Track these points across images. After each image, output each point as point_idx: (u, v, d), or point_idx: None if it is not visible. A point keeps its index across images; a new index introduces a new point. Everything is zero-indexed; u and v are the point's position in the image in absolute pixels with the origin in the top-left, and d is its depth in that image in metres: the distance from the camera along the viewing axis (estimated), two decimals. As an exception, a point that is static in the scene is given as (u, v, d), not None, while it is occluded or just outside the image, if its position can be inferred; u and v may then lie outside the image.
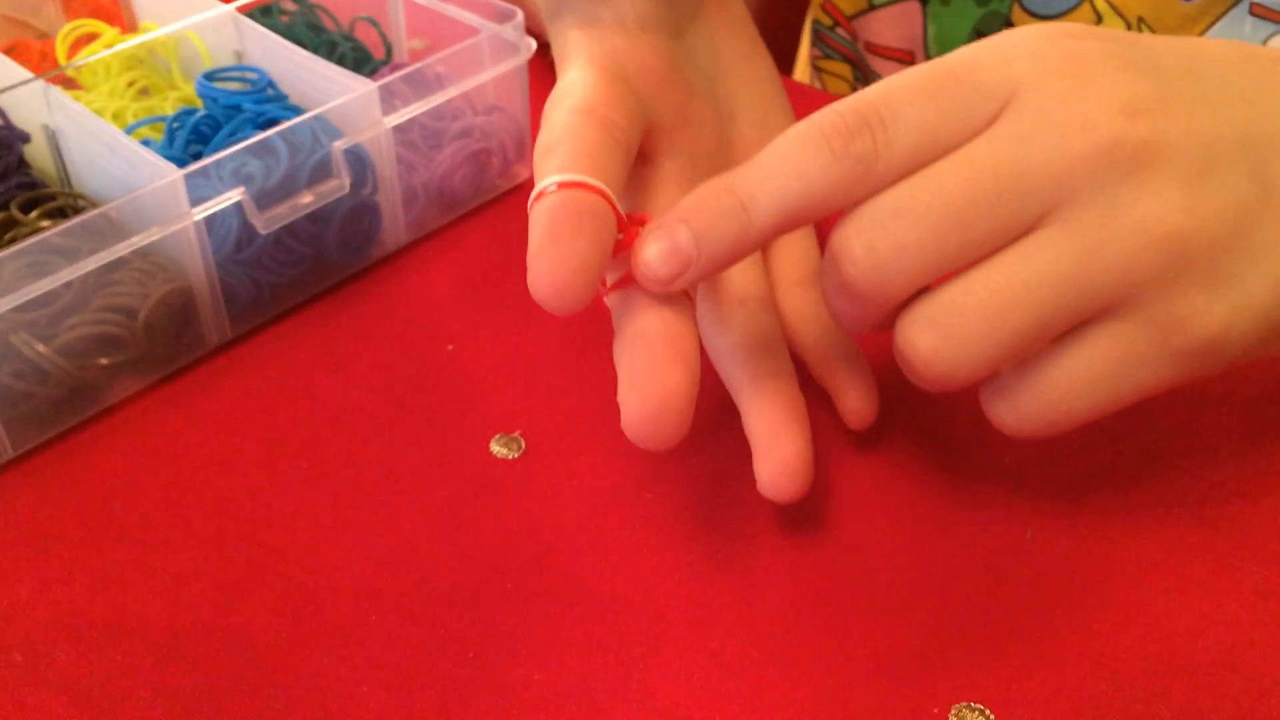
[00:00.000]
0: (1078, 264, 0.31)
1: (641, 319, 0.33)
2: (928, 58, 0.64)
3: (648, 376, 0.32)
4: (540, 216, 0.32)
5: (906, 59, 0.65)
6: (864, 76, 0.70)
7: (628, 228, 0.34)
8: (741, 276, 0.40)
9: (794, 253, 0.43)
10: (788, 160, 0.33)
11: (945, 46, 0.63)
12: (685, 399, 0.32)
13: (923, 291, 0.33)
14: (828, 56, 0.72)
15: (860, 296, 0.33)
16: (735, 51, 0.45)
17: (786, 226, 0.33)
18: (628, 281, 0.34)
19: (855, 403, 0.39)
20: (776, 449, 0.36)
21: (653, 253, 0.33)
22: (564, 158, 0.34)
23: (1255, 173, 0.32)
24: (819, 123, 0.33)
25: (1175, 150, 0.32)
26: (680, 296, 0.35)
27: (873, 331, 0.36)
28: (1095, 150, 0.31)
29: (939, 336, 0.32)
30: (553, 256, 0.31)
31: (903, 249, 0.32)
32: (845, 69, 0.72)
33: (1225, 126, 0.33)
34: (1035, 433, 0.35)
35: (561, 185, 0.33)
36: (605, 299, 0.36)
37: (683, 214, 0.33)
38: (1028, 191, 0.31)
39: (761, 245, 0.35)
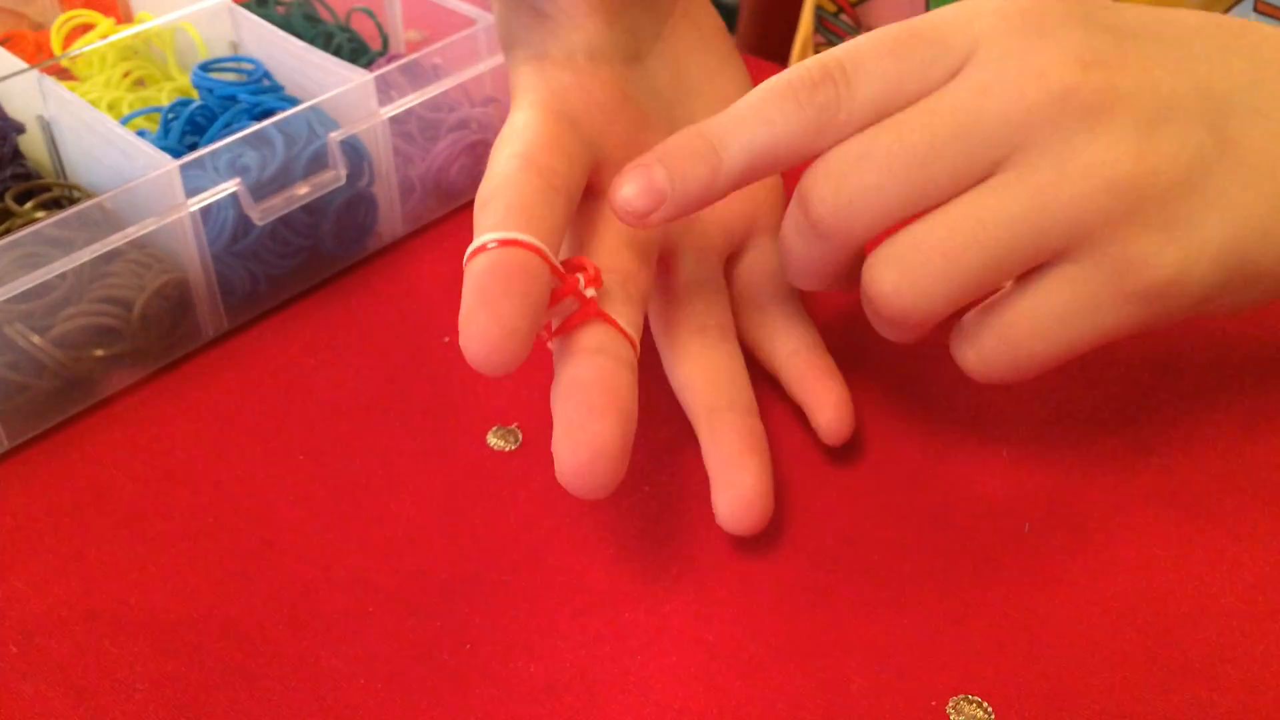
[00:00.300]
0: (1031, 206, 0.33)
1: (577, 366, 0.34)
2: None
3: (580, 425, 0.32)
4: (472, 278, 0.33)
5: None
6: None
7: (564, 277, 0.34)
8: (702, 305, 0.40)
9: (765, 270, 0.43)
10: (756, 110, 0.35)
11: None
12: (618, 448, 0.32)
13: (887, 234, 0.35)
14: (830, 42, 0.72)
15: (826, 236, 0.35)
16: (703, 69, 0.44)
17: (754, 173, 0.35)
18: (568, 328, 0.35)
19: (827, 419, 0.39)
20: (733, 481, 0.36)
21: (630, 189, 0.35)
22: (499, 212, 0.34)
23: (1213, 125, 0.33)
24: (787, 76, 0.35)
25: (1130, 100, 0.33)
26: (621, 343, 0.35)
27: (824, 286, 0.38)
28: (1050, 98, 0.32)
29: (899, 273, 0.34)
30: (483, 319, 0.32)
31: (867, 189, 0.33)
32: None
33: (1184, 81, 0.34)
34: (999, 376, 0.36)
35: (498, 243, 0.33)
36: (548, 344, 0.36)
37: (659, 154, 0.35)
38: (986, 138, 0.33)
39: (730, 190, 0.36)
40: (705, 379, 0.39)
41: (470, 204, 0.52)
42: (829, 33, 0.72)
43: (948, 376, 0.43)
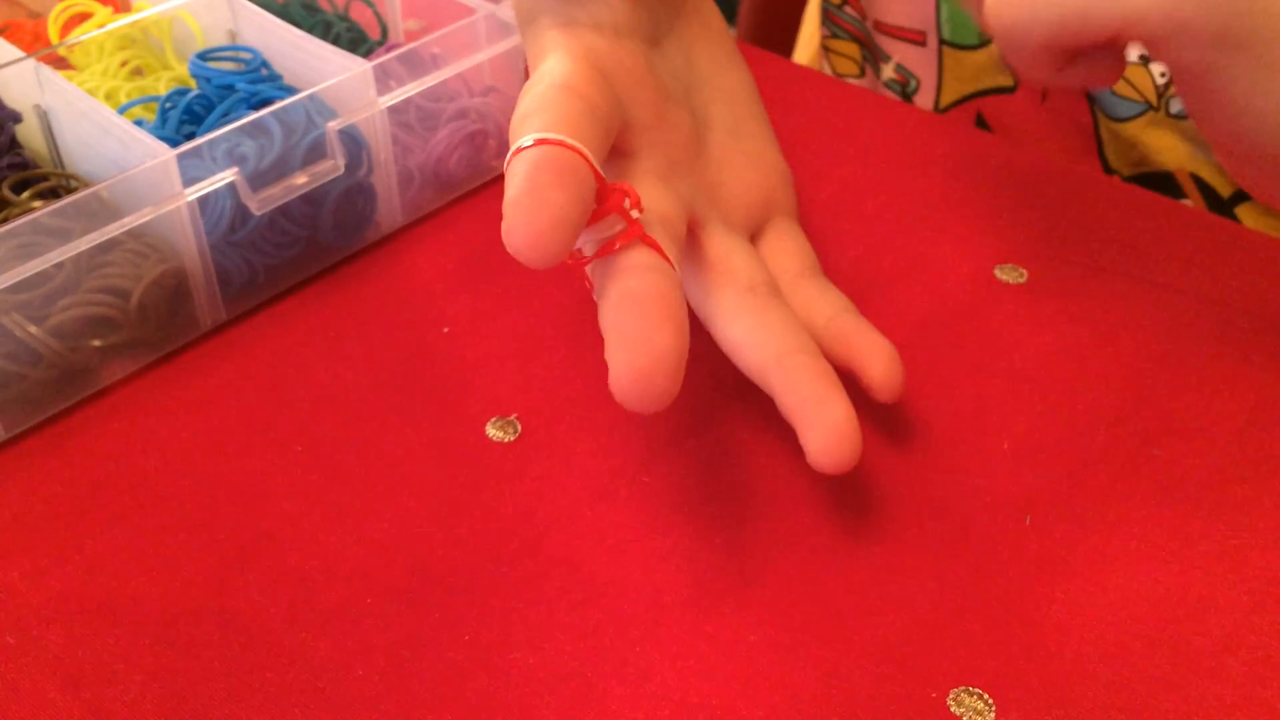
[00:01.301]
0: None
1: (629, 280, 0.33)
2: (940, 38, 0.64)
3: (638, 335, 0.31)
4: (519, 168, 0.32)
5: (917, 39, 0.65)
6: (873, 56, 0.70)
7: (608, 192, 0.34)
8: (744, 266, 0.40)
9: (788, 248, 0.43)
10: None
11: (959, 26, 0.63)
12: (677, 358, 0.32)
13: None
14: (836, 36, 0.72)
15: None
16: (711, 61, 0.45)
17: None
18: (609, 249, 0.34)
19: (881, 372, 0.39)
20: (823, 416, 0.35)
21: None
22: (543, 121, 0.34)
23: None
24: None
25: None
26: (668, 266, 0.34)
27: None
28: None
29: None
30: (529, 207, 0.31)
31: None
32: (854, 49, 0.71)
33: None
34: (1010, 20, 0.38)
35: (541, 141, 0.33)
36: (586, 270, 0.35)
37: None
38: None
39: None
40: (768, 329, 0.38)
41: (469, 194, 0.52)
42: (835, 25, 0.72)
43: (950, 369, 0.43)
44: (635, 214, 0.34)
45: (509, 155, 0.33)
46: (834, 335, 0.40)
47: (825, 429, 0.35)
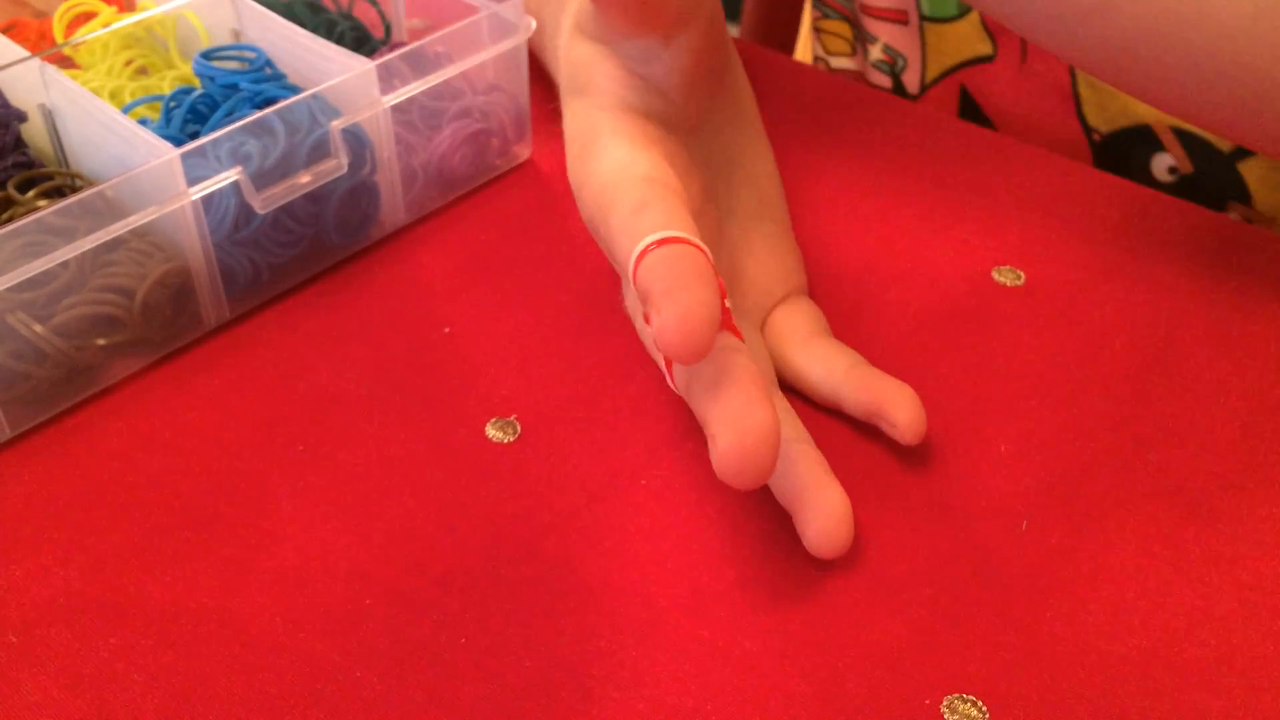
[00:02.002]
0: None
1: (726, 359, 0.34)
2: (920, 14, 0.65)
3: (741, 413, 0.32)
4: (661, 269, 0.33)
5: (900, 18, 0.66)
6: (861, 37, 0.70)
7: (722, 285, 0.35)
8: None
9: (802, 311, 0.43)
10: None
11: (937, 7, 0.64)
12: (777, 436, 0.32)
13: None
14: (826, 16, 0.73)
15: None
16: (742, 147, 0.45)
17: None
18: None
19: (906, 415, 0.39)
20: (822, 501, 0.36)
21: None
22: (664, 216, 0.35)
23: None
24: None
25: None
26: (744, 345, 0.35)
27: None
28: None
29: None
30: (687, 301, 0.32)
31: None
32: (844, 28, 0.72)
33: None
34: None
35: (671, 240, 0.33)
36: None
37: None
38: None
39: None
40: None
41: (472, 193, 0.52)
42: (825, 6, 0.72)
43: (945, 372, 0.43)
44: (728, 303, 0.35)
45: (640, 248, 0.34)
46: (855, 383, 0.41)
47: (824, 513, 0.36)
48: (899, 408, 0.39)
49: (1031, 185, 0.51)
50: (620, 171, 0.37)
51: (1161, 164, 0.59)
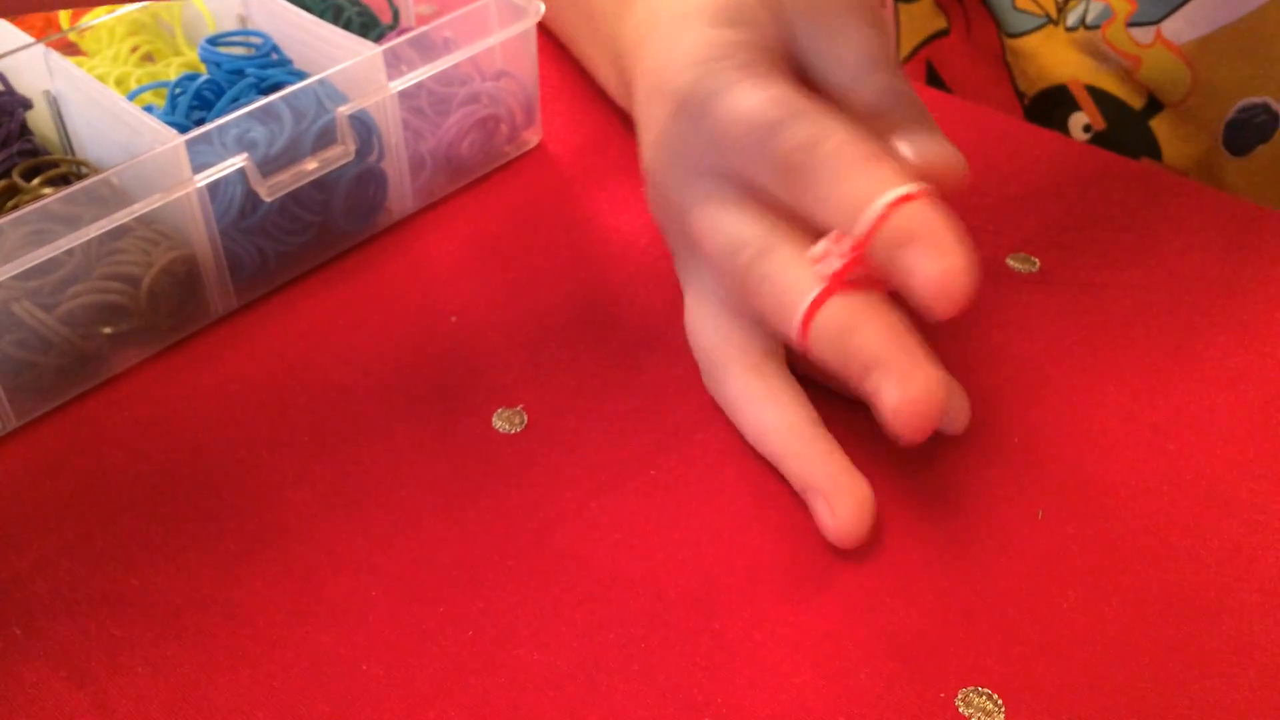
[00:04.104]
0: None
1: (891, 316, 0.35)
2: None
3: (914, 365, 0.34)
4: (929, 214, 0.34)
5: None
6: None
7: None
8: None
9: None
10: None
11: None
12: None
13: None
14: None
15: None
16: None
17: None
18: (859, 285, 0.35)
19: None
20: (847, 490, 0.36)
21: None
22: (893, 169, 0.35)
23: None
24: None
25: None
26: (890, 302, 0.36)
27: None
28: None
29: None
30: (963, 250, 0.33)
31: None
32: None
33: None
34: None
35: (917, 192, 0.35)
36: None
37: None
38: None
39: None
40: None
41: (480, 180, 0.52)
42: None
43: (959, 361, 0.42)
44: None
45: (893, 196, 0.34)
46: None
47: (850, 503, 0.36)
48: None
49: (1047, 171, 0.51)
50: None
51: (1078, 123, 0.60)
